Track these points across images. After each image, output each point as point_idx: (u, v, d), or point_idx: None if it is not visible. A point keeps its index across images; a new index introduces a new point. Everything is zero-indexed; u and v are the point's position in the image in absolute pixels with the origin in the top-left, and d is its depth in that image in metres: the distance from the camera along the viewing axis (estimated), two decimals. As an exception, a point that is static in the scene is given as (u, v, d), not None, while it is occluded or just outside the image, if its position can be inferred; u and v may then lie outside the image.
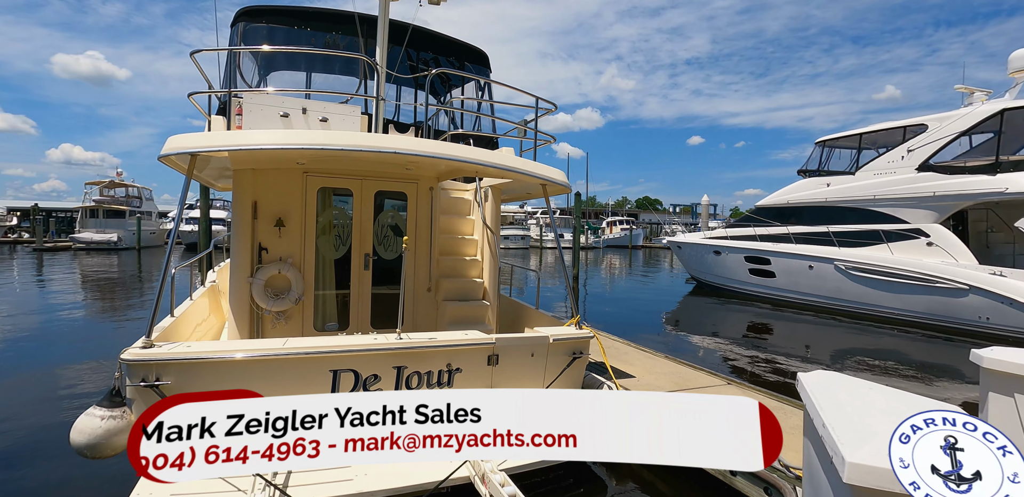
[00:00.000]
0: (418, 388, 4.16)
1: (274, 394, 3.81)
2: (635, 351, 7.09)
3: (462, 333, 4.46)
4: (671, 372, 6.04)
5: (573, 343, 4.73)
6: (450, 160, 4.38)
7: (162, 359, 3.61)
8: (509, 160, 4.76)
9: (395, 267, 5.84)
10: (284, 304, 5.29)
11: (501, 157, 4.72)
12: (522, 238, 45.65)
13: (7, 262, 24.16)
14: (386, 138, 4.25)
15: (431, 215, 5.95)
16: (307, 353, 3.85)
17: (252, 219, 5.26)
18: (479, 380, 4.37)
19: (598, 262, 34.87)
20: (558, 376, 4.63)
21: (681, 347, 9.84)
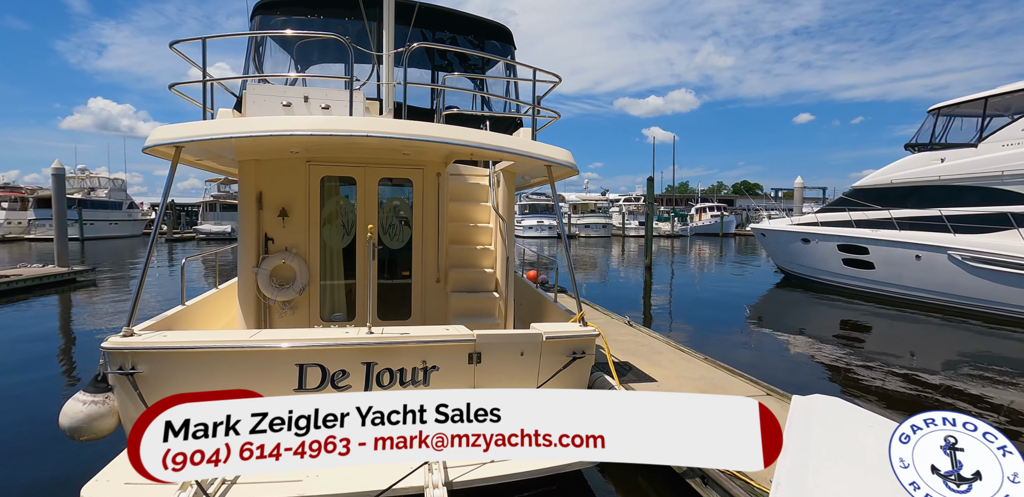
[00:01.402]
0: (390, 386, 3.95)
1: (235, 386, 3.80)
2: (671, 351, 6.41)
3: (442, 328, 4.17)
4: (701, 377, 5.34)
5: (572, 342, 4.26)
6: (428, 142, 4.07)
7: (136, 348, 3.67)
8: (502, 140, 4.35)
9: (402, 257, 5.68)
10: (289, 294, 5.31)
11: (493, 138, 4.32)
12: (603, 226, 44.49)
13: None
14: (358, 121, 4.01)
15: (438, 202, 5.69)
16: (270, 347, 3.76)
17: (257, 209, 5.31)
18: (459, 380, 4.06)
19: (686, 251, 33.00)
20: (550, 378, 4.19)
21: (760, 346, 8.86)
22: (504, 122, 6.63)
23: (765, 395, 4.86)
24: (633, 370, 5.60)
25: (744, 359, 7.53)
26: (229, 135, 3.93)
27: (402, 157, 5.47)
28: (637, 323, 8.12)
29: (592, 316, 8.49)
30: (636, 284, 17.49)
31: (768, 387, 5.04)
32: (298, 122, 3.97)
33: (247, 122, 3.97)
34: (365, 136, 3.88)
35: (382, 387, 3.94)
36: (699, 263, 25.32)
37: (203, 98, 4.17)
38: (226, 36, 4.26)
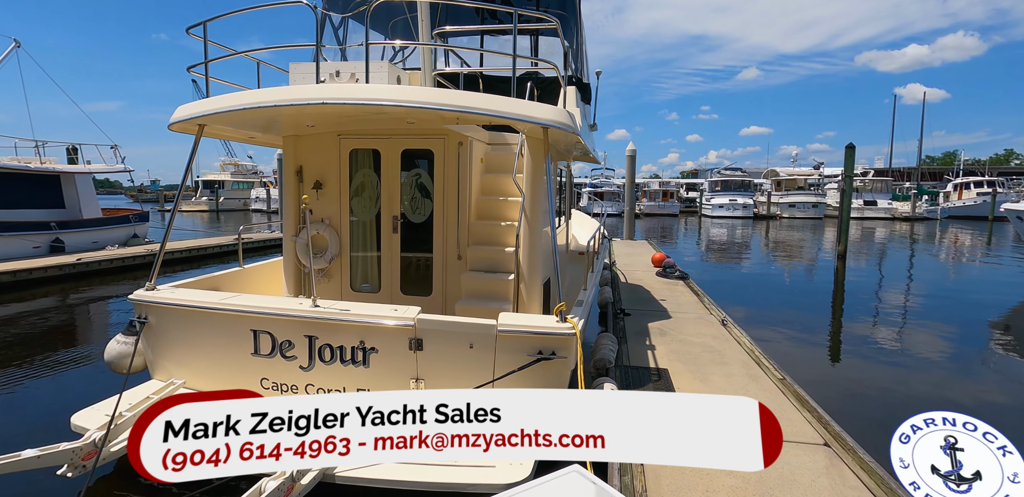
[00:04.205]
0: (331, 363, 3.85)
1: (211, 344, 4.11)
2: (744, 364, 5.02)
3: (388, 308, 3.88)
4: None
5: (536, 340, 3.59)
6: (393, 106, 3.75)
7: (145, 301, 4.26)
8: (464, 100, 3.78)
9: (425, 231, 5.48)
10: (320, 263, 5.57)
11: (449, 97, 3.79)
12: (813, 206, 37.81)
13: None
14: (309, 89, 3.87)
15: (459, 173, 5.30)
16: (231, 310, 3.96)
17: (298, 182, 5.64)
18: (399, 366, 3.76)
19: (931, 238, 26.03)
20: (501, 377, 3.60)
21: (1003, 375, 6.36)
22: (543, 81, 5.85)
23: (822, 445, 3.44)
24: (663, 380, 4.53)
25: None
26: (200, 114, 4.19)
27: (421, 127, 5.21)
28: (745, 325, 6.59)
29: (681, 308, 7.17)
30: (816, 277, 14.43)
31: (834, 432, 3.55)
32: (253, 95, 4.00)
33: (215, 100, 4.16)
34: (299, 104, 3.77)
35: (324, 363, 3.87)
36: (942, 256, 19.57)
37: (206, 79, 4.47)
38: (225, 15, 4.46)
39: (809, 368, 6.21)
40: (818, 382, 5.57)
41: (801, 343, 7.52)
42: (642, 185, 49.94)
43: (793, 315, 9.27)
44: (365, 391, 3.94)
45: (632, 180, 17.33)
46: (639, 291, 8.49)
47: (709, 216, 40.28)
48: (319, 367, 3.87)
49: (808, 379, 5.25)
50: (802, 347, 7.31)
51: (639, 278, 9.72)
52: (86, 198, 14.84)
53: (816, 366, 6.42)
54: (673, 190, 46.07)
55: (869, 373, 6.29)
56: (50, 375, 6.05)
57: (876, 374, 6.25)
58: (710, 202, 40.61)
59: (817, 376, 5.88)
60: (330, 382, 3.89)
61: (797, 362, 6.35)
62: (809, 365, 6.36)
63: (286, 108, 3.97)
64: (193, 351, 4.23)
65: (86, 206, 14.75)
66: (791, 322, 8.70)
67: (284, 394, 3.98)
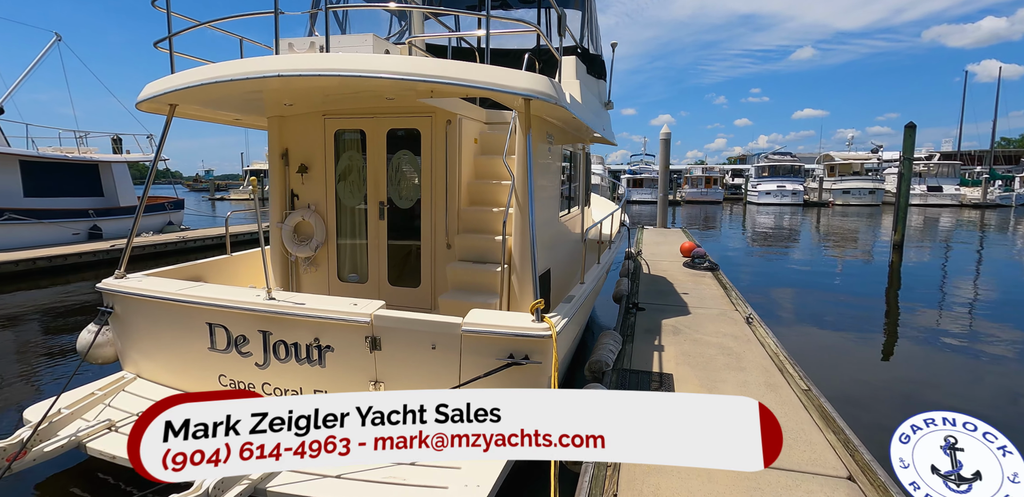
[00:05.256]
0: (286, 361, 3.53)
1: (171, 337, 3.86)
2: (764, 370, 4.41)
3: (346, 302, 3.51)
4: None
5: (506, 341, 3.17)
6: (351, 76, 3.36)
7: (110, 290, 4.06)
8: (437, 68, 3.33)
9: (412, 217, 5.09)
10: (306, 251, 5.28)
11: (421, 65, 3.34)
12: (870, 192, 35.32)
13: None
14: (289, 59, 3.50)
15: (446, 155, 4.85)
16: (186, 302, 3.70)
17: (284, 166, 5.35)
18: (356, 367, 3.40)
19: (1004, 227, 23.79)
20: (468, 381, 3.18)
21: None
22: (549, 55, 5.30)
23: (845, 478, 2.85)
24: (664, 388, 3.99)
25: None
26: (161, 92, 3.91)
27: (407, 105, 4.79)
28: (780, 324, 5.92)
29: (703, 303, 6.53)
30: (868, 270, 13.28)
31: (863, 462, 2.95)
32: (206, 70, 3.68)
33: (174, 77, 3.87)
34: (253, 78, 3.43)
35: (280, 360, 3.55)
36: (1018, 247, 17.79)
37: (170, 55, 4.17)
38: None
39: (843, 378, 5.49)
40: (851, 397, 4.88)
41: (840, 347, 6.75)
42: (684, 171, 48.11)
43: (837, 313, 8.42)
44: (322, 393, 3.65)
45: (666, 165, 16.40)
46: (660, 283, 7.86)
47: (755, 203, 38.32)
48: (275, 365, 3.56)
49: (840, 392, 4.59)
50: (841, 352, 6.55)
51: (663, 269, 9.06)
52: (123, 186, 15.28)
53: (852, 376, 5.69)
54: (717, 176, 44.08)
55: (919, 388, 5.52)
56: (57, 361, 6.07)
57: (929, 390, 5.47)
58: (756, 188, 38.59)
59: (851, 389, 5.16)
60: (286, 382, 3.57)
61: (831, 370, 5.64)
62: (844, 374, 5.62)
63: (244, 83, 3.63)
64: (155, 343, 4.01)
65: (123, 194, 15.20)
66: (833, 321, 7.88)
67: (242, 392, 3.70)
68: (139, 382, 4.07)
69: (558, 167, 5.42)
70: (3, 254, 11.16)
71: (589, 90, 5.72)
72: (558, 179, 5.47)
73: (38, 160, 13.39)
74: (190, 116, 5.07)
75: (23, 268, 10.86)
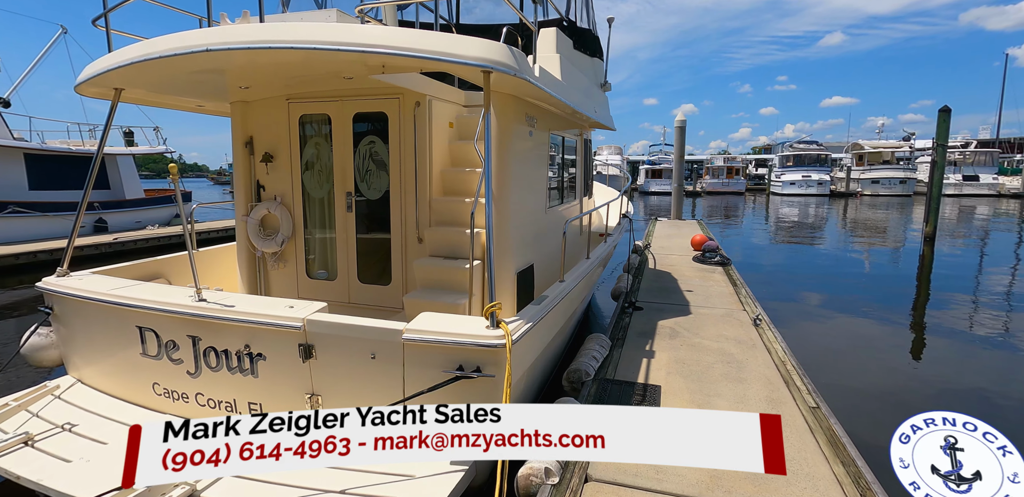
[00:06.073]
0: (218, 369, 3.17)
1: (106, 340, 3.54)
2: (768, 380, 3.90)
3: (280, 304, 3.13)
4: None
5: (453, 351, 2.75)
6: (280, 48, 2.94)
7: (48, 289, 3.76)
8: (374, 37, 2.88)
9: (382, 209, 4.68)
10: (272, 245, 4.93)
11: (357, 34, 2.89)
12: (901, 182, 33.78)
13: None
14: (218, 32, 3.09)
15: (415, 140, 4.42)
16: (115, 303, 3.36)
17: (248, 155, 4.99)
18: (291, 377, 3.03)
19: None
20: (412, 396, 2.77)
21: None
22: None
23: (851, 511, 2.36)
24: (648, 399, 3.51)
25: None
26: (94, 75, 3.54)
27: (373, 86, 4.37)
28: (794, 324, 5.38)
29: (709, 301, 5.99)
30: (897, 264, 12.47)
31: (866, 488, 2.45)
32: (136, 48, 3.30)
33: (103, 59, 3.50)
34: (179, 54, 3.05)
35: (211, 369, 3.19)
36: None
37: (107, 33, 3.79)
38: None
39: (858, 389, 4.93)
40: (866, 414, 4.35)
41: (859, 351, 6.16)
42: (705, 161, 46.84)
43: (860, 311, 7.78)
44: (256, 407, 3.28)
45: (681, 154, 15.68)
46: (665, 279, 7.33)
47: (779, 194, 37.02)
48: (206, 374, 3.20)
49: (852, 410, 4.06)
50: (860, 356, 5.96)
51: (671, 263, 8.51)
52: (129, 179, 15.25)
53: (874, 382, 5.12)
54: (739, 166, 42.73)
55: (950, 396, 4.93)
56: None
57: (961, 398, 4.89)
58: (780, 179, 37.25)
59: (868, 404, 4.61)
60: (220, 392, 3.21)
61: (844, 379, 5.08)
62: (859, 386, 5.06)
63: (181, 63, 3.27)
64: (93, 347, 3.70)
65: (129, 187, 15.17)
66: (855, 321, 7.26)
67: (176, 403, 3.36)
68: (78, 389, 3.77)
69: (544, 154, 4.94)
70: (4, 247, 11.15)
71: (577, 67, 5.21)
72: (544, 167, 4.99)
73: (43, 153, 13.38)
74: (147, 102, 4.73)
75: (24, 261, 10.84)
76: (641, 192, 41.17)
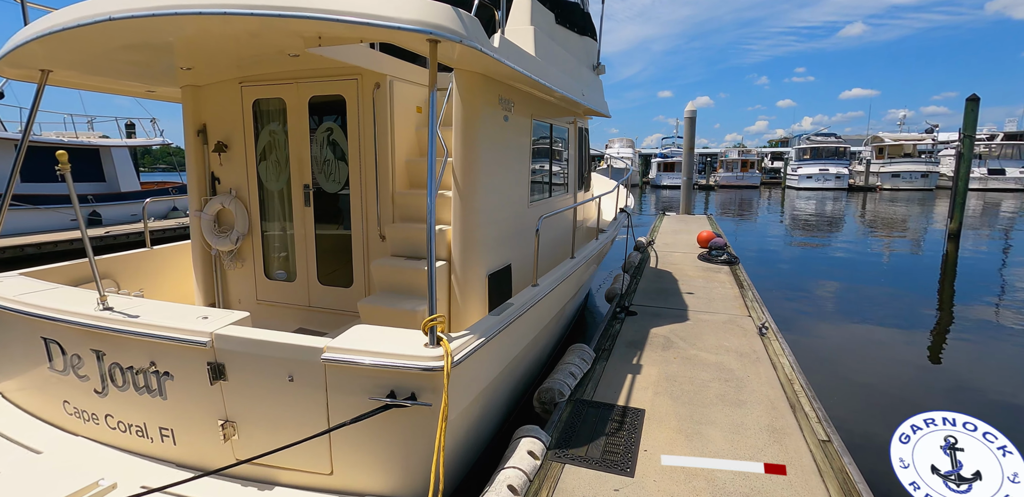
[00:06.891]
0: (124, 389, 2.76)
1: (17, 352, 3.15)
2: (771, 402, 3.40)
3: (195, 313, 2.71)
4: (746, 483, 2.49)
5: (383, 374, 2.31)
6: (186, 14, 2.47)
7: None
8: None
9: (342, 203, 4.24)
10: (226, 243, 4.52)
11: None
12: (923, 176, 32.60)
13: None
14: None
15: (375, 127, 3.95)
16: (17, 311, 2.96)
17: (202, 144, 4.56)
18: (201, 400, 2.60)
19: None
20: (331, 429, 2.32)
21: None
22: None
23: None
24: (626, 427, 3.03)
25: None
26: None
27: (328, 67, 3.90)
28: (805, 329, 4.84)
29: (711, 306, 5.46)
30: (919, 262, 11.76)
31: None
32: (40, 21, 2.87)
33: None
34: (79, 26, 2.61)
35: (118, 388, 2.77)
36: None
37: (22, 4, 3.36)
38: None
39: (876, 413, 4.38)
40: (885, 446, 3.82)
41: (876, 363, 5.60)
42: (719, 154, 45.80)
43: (877, 318, 7.19)
44: (168, 432, 2.86)
45: (691, 146, 15.02)
46: (665, 279, 6.81)
47: (795, 188, 35.98)
48: (114, 393, 2.79)
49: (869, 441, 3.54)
50: (877, 370, 5.40)
51: (674, 262, 7.97)
52: (124, 171, 15.00)
53: (895, 393, 4.58)
54: (754, 159, 41.65)
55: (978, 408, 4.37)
56: None
57: (991, 410, 4.33)
58: (796, 172, 36.20)
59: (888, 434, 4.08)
60: (129, 415, 2.80)
61: (859, 399, 4.54)
62: (878, 408, 4.51)
63: (100, 37, 2.84)
64: (9, 359, 3.31)
65: (124, 179, 14.92)
66: (871, 327, 6.67)
67: (87, 424, 2.95)
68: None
69: (525, 142, 4.44)
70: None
71: (560, 44, 4.69)
72: (526, 157, 4.49)
73: (36, 145, 13.14)
74: (85, 86, 4.29)
75: (10, 255, 10.60)
76: (653, 186, 40.36)
